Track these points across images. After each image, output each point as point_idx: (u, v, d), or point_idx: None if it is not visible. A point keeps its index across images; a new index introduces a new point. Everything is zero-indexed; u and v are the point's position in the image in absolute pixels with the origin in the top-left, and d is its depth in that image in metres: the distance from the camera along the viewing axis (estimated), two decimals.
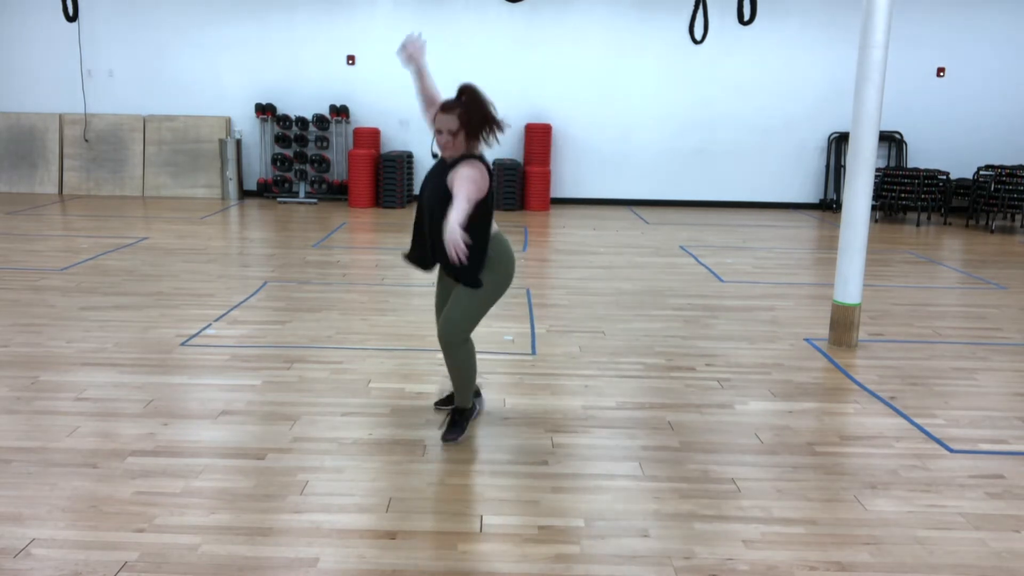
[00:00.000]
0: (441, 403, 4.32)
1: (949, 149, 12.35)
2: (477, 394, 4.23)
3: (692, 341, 5.64)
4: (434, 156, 3.81)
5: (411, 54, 3.90)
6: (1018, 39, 12.16)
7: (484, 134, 3.62)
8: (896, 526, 3.25)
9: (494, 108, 3.61)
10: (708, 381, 4.86)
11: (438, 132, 3.59)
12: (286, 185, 12.32)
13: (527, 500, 3.39)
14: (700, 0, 8.32)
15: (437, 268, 3.97)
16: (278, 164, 12.17)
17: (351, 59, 12.28)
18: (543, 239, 9.68)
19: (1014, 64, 12.22)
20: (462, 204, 3.33)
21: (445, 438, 3.92)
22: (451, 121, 3.54)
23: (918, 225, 11.31)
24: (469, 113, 3.56)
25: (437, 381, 4.74)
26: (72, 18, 8.57)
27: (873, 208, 9.82)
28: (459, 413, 4.01)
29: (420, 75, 3.93)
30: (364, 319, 6.04)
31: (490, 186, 3.64)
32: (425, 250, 3.86)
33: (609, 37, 12.18)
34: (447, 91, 3.87)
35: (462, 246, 3.18)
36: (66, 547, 2.97)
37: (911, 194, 11.33)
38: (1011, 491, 3.56)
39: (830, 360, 5.31)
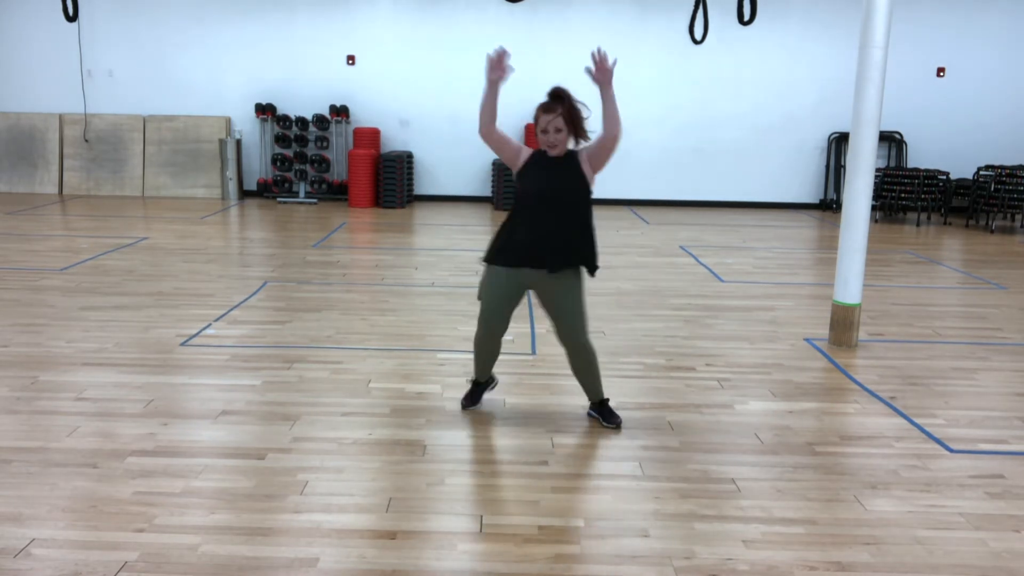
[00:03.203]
0: (596, 410, 4.22)
1: (949, 149, 12.35)
2: (492, 379, 4.44)
3: (692, 341, 5.64)
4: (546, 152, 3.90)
5: (502, 69, 3.92)
6: (1018, 39, 12.17)
7: (582, 132, 3.86)
8: (896, 526, 3.25)
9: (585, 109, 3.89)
10: (708, 381, 4.86)
11: (544, 132, 3.80)
12: (286, 185, 12.33)
13: (527, 500, 3.39)
14: (700, 0, 8.32)
15: (491, 273, 3.99)
16: (278, 164, 12.18)
17: (351, 59, 12.28)
18: None
19: (1014, 64, 12.22)
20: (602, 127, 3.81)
21: (616, 422, 4.11)
22: (556, 120, 3.77)
23: (918, 225, 11.31)
24: (571, 112, 3.81)
25: (437, 381, 4.74)
26: (72, 18, 8.58)
27: (873, 208, 9.82)
28: (604, 403, 4.17)
29: (496, 95, 3.95)
30: (364, 319, 6.04)
31: None
32: (537, 249, 3.85)
33: (609, 37, 12.14)
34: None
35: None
36: (66, 547, 2.97)
37: (911, 194, 11.33)
38: (1011, 491, 3.56)
39: (830, 360, 5.31)
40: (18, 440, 3.85)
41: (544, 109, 3.82)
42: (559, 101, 3.81)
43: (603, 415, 4.16)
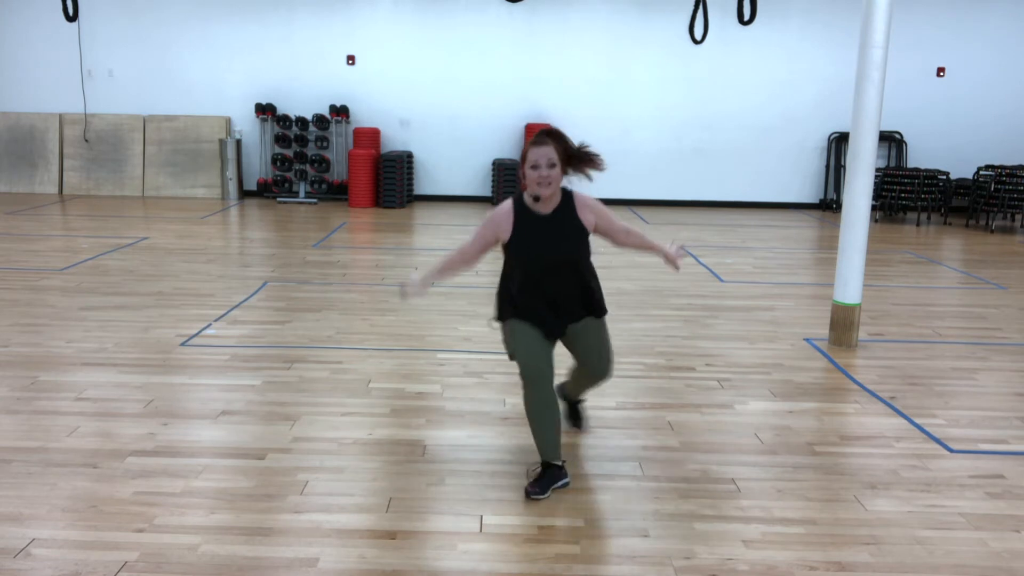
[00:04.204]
0: (573, 416, 4.11)
1: (949, 149, 12.35)
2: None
3: (692, 341, 5.64)
4: (535, 199, 3.40)
5: (415, 293, 3.57)
6: (1018, 39, 12.17)
7: (580, 168, 3.43)
8: (896, 526, 3.25)
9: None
10: (708, 381, 4.86)
11: (534, 167, 3.28)
12: (286, 185, 12.32)
13: (527, 500, 3.39)
14: (700, 0, 8.32)
15: (524, 329, 3.47)
16: (278, 164, 12.17)
17: (351, 59, 12.28)
18: None
19: (1014, 64, 12.22)
20: (638, 232, 3.67)
21: (580, 426, 4.07)
22: (549, 152, 3.29)
23: (918, 225, 11.31)
24: (563, 143, 3.37)
25: (437, 381, 4.74)
26: (72, 18, 8.57)
27: (873, 208, 9.81)
28: (580, 403, 4.10)
29: (439, 277, 3.60)
30: (364, 319, 6.03)
31: None
32: (557, 317, 3.50)
33: (609, 37, 12.18)
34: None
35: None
36: (66, 547, 2.97)
37: (911, 194, 11.33)
38: (1011, 491, 3.56)
39: (830, 360, 5.30)
40: (18, 440, 3.85)
41: (534, 143, 3.34)
42: (550, 135, 3.36)
43: (572, 415, 4.08)
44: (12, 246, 8.40)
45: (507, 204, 3.47)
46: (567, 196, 3.47)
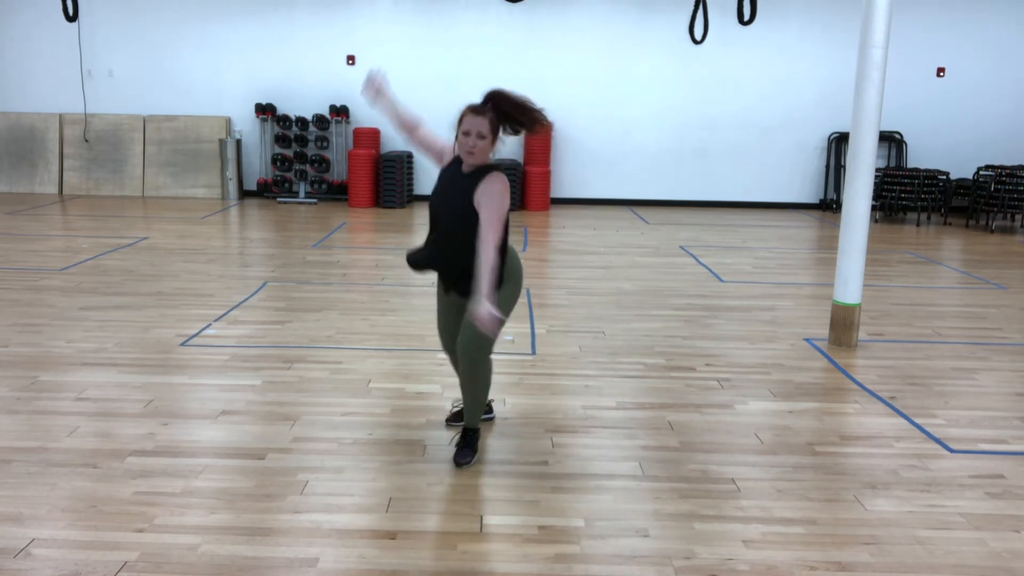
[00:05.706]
0: (454, 419, 4.12)
1: (949, 149, 12.35)
2: (489, 409, 4.12)
3: (692, 341, 5.64)
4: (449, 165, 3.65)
5: (377, 88, 3.84)
6: (1018, 39, 12.17)
7: (523, 125, 3.47)
8: (896, 526, 3.25)
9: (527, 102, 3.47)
10: (708, 381, 4.86)
11: (465, 134, 3.41)
12: (286, 185, 12.32)
13: (527, 500, 3.39)
14: (700, 0, 8.32)
15: (436, 283, 3.80)
16: (278, 164, 12.17)
17: (351, 59, 12.28)
18: (543, 239, 9.68)
19: (1014, 64, 12.22)
20: (490, 257, 3.28)
21: (458, 462, 3.68)
22: (482, 124, 3.39)
23: (918, 225, 11.31)
24: (501, 113, 3.44)
25: (437, 381, 4.74)
26: (72, 18, 8.57)
27: (873, 208, 9.81)
28: (470, 433, 3.78)
29: (392, 107, 3.87)
30: (364, 319, 6.04)
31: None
32: (435, 259, 3.66)
33: (609, 37, 12.18)
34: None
35: (494, 328, 3.26)
36: (66, 547, 2.97)
37: (911, 194, 11.33)
38: (1011, 491, 3.56)
39: (830, 360, 5.31)
40: (18, 440, 3.85)
41: (473, 110, 3.44)
42: (493, 106, 3.44)
43: (460, 443, 3.76)
44: (12, 246, 8.40)
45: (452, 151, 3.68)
46: (487, 168, 3.48)
